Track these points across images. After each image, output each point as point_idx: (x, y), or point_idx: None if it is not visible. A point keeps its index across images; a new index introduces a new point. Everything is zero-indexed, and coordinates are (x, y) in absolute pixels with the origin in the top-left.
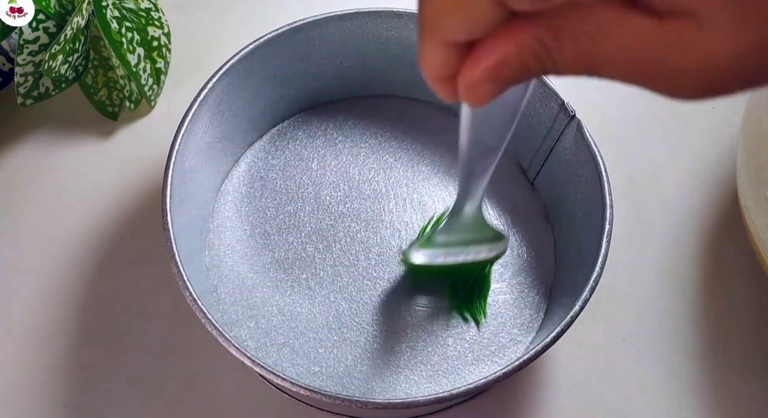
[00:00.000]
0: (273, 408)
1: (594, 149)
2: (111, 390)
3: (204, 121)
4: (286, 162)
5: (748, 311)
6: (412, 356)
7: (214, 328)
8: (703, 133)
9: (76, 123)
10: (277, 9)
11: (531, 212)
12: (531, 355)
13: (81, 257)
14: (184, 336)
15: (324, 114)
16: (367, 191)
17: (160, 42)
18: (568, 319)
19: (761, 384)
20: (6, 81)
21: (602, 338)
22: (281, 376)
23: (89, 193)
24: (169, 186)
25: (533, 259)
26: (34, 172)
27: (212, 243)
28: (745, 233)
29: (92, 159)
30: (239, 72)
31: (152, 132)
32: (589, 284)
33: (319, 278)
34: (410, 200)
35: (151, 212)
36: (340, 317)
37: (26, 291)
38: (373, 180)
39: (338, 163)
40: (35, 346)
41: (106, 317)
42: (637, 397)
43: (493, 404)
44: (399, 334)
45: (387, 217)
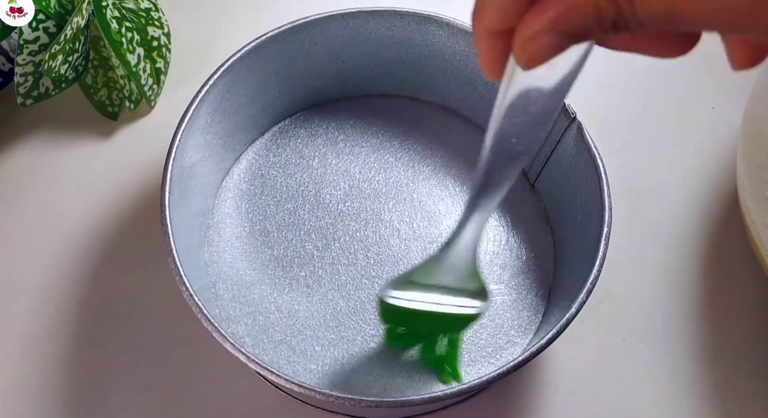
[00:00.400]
0: (270, 406)
1: (594, 151)
2: (109, 388)
3: (205, 118)
4: (287, 160)
5: (748, 311)
6: (409, 356)
7: (210, 324)
8: (703, 133)
9: (76, 123)
10: (277, 9)
11: (531, 213)
12: (525, 357)
13: (81, 256)
14: (184, 334)
15: (325, 113)
16: (367, 190)
17: (160, 42)
18: (564, 321)
19: (762, 384)
20: (6, 81)
21: (602, 338)
22: (276, 373)
23: (89, 193)
24: (168, 181)
25: (532, 260)
26: (34, 172)
27: (212, 239)
28: (745, 233)
29: (92, 159)
30: (241, 69)
31: (152, 132)
32: (586, 286)
33: (317, 276)
34: (410, 200)
35: (151, 211)
36: (338, 316)
37: (26, 290)
38: (373, 179)
39: (339, 161)
40: (35, 344)
41: (106, 316)
42: (636, 397)
43: (493, 405)
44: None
45: (387, 216)
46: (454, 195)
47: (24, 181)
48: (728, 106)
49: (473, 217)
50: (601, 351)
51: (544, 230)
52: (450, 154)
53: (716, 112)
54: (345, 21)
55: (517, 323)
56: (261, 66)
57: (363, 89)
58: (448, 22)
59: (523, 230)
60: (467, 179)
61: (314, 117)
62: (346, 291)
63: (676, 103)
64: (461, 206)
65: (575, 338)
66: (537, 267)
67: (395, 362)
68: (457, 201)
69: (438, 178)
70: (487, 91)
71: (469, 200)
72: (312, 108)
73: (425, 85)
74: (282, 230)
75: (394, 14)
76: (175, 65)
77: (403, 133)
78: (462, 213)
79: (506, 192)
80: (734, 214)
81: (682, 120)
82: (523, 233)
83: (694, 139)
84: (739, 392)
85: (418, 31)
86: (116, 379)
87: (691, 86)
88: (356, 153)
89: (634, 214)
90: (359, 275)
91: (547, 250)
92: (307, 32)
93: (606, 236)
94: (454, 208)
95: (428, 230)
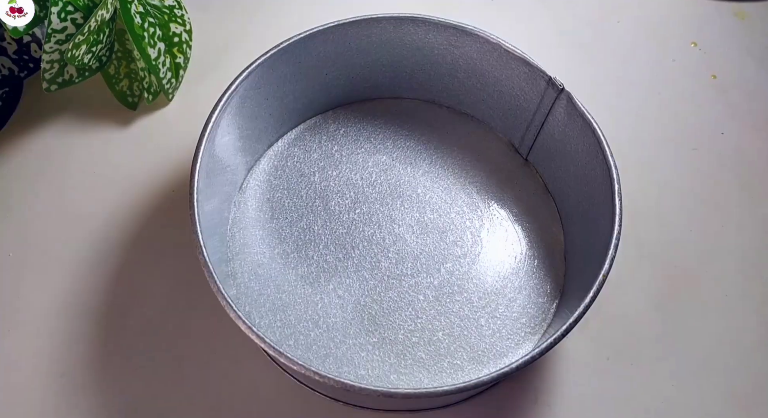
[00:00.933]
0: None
1: (588, 117)
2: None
3: (206, 158)
4: (289, 180)
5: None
6: (451, 342)
7: (269, 346)
8: (710, 157)
9: (97, 110)
10: (298, 15)
11: (530, 187)
12: (512, 367)
13: (98, 236)
14: (206, 332)
15: (314, 127)
16: (372, 194)
17: (181, 38)
18: (554, 338)
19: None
20: (37, 67)
21: (586, 354)
22: (345, 382)
23: (105, 176)
24: (198, 227)
25: (540, 229)
26: (55, 154)
27: (234, 272)
28: None
29: (110, 144)
30: (238, 97)
31: (168, 124)
32: (589, 296)
33: (346, 286)
34: (415, 196)
35: (163, 196)
36: (375, 319)
37: (42, 270)
38: (376, 182)
39: (339, 172)
40: (43, 322)
41: (119, 301)
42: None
43: (471, 411)
44: (433, 323)
45: (397, 215)
46: (455, 183)
47: (45, 161)
48: (737, 133)
49: None
50: (585, 367)
51: (547, 202)
52: (443, 145)
53: (725, 137)
54: (326, 36)
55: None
56: (254, 94)
57: (346, 98)
58: (423, 19)
59: (526, 203)
60: (464, 166)
61: (305, 133)
62: (377, 294)
63: (685, 126)
64: (464, 193)
65: (559, 351)
66: (548, 234)
67: (440, 351)
68: (458, 188)
69: (436, 170)
70: (468, 78)
71: None
72: (300, 125)
73: (406, 83)
74: (301, 250)
75: (371, 21)
76: (194, 62)
77: (394, 132)
78: None
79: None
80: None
81: (688, 143)
82: (525, 205)
83: (700, 163)
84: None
85: (395, 33)
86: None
87: (702, 111)
88: (353, 161)
89: (630, 233)
90: (385, 276)
91: (552, 217)
92: (291, 53)
93: (618, 192)
94: (458, 195)
95: (439, 221)
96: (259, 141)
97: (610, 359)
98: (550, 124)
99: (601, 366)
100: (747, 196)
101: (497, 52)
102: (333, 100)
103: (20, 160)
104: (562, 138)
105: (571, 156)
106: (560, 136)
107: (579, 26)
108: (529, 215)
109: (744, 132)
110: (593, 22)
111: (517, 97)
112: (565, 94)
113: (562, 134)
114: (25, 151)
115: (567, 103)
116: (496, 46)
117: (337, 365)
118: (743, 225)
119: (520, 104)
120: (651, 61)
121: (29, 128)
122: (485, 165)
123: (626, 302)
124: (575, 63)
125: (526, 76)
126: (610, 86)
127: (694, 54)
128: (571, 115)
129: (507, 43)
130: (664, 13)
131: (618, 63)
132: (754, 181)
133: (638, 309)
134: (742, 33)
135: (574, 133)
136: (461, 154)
